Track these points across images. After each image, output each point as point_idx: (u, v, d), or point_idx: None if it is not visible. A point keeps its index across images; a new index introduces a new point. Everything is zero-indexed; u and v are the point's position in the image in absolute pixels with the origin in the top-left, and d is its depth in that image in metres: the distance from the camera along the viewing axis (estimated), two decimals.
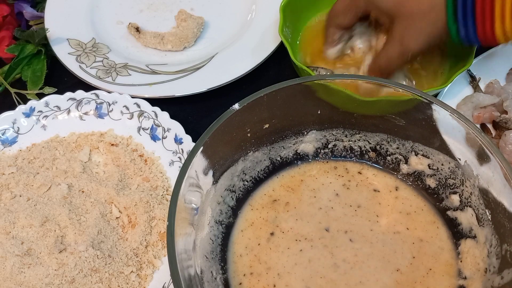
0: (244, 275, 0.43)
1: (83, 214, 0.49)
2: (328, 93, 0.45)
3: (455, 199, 0.46)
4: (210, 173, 0.43)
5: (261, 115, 0.45)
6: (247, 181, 0.48)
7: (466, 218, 0.45)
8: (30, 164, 0.53)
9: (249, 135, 0.45)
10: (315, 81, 0.44)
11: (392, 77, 0.53)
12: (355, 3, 0.52)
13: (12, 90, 0.60)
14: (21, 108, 0.56)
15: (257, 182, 0.48)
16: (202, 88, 0.59)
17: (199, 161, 0.40)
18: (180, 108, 0.58)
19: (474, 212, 0.44)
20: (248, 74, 0.60)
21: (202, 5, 0.69)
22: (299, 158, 0.50)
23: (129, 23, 0.66)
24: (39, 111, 0.57)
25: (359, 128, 0.49)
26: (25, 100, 0.59)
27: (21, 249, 0.46)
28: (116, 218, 0.50)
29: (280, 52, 0.61)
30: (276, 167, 0.49)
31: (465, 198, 0.45)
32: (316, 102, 0.46)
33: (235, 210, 0.46)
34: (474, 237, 0.44)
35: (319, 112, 0.47)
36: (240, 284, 0.42)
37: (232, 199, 0.47)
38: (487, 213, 0.42)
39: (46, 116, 0.57)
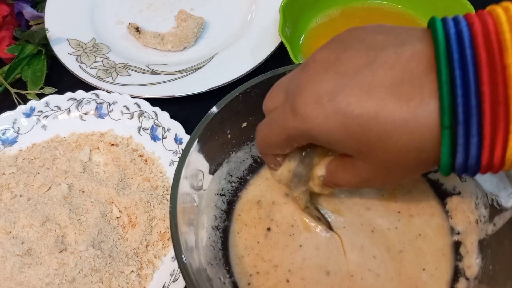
0: (250, 275, 0.43)
1: (84, 214, 0.49)
2: None
3: None
4: (200, 181, 0.43)
5: (238, 114, 0.45)
6: (234, 183, 0.48)
7: (447, 177, 0.45)
8: (30, 164, 0.53)
9: (229, 136, 0.45)
10: (286, 73, 0.44)
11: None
12: (295, 138, 0.35)
13: (12, 90, 0.60)
14: (21, 108, 0.56)
15: (245, 181, 0.48)
16: (202, 88, 0.59)
17: (188, 172, 0.40)
18: (180, 108, 0.58)
19: None
20: (248, 74, 0.60)
21: (202, 5, 0.69)
22: None
23: (129, 23, 0.66)
24: (39, 111, 0.57)
25: None
26: (25, 100, 0.59)
27: (21, 249, 0.46)
28: (116, 218, 0.50)
29: (280, 52, 0.61)
30: (259, 163, 0.49)
31: None
32: None
33: (228, 213, 0.47)
34: (459, 193, 0.44)
35: None
36: (249, 284, 0.42)
37: (224, 202, 0.47)
38: None
39: (46, 116, 0.57)
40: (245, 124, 0.46)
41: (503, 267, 0.39)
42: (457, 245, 0.43)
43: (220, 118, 0.43)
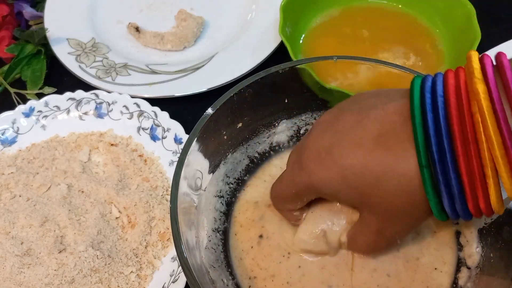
0: (249, 278, 0.43)
1: (83, 214, 0.49)
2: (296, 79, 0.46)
3: None
4: (198, 183, 0.43)
5: (234, 114, 0.45)
6: (232, 184, 0.48)
7: None
8: (29, 164, 0.53)
9: (225, 137, 0.45)
10: (279, 71, 0.45)
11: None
12: (304, 194, 0.39)
13: (12, 90, 0.60)
14: (21, 108, 0.56)
15: (242, 182, 0.48)
16: (202, 88, 0.59)
17: (187, 175, 0.40)
18: (180, 108, 0.58)
19: None
20: (248, 74, 0.59)
21: (202, 5, 0.69)
22: (276, 149, 0.50)
23: (129, 23, 0.66)
24: (38, 111, 0.57)
25: (325, 108, 0.49)
26: (24, 100, 0.59)
27: (20, 249, 0.46)
28: (116, 218, 0.49)
29: (280, 52, 0.61)
30: (256, 164, 0.49)
31: None
32: (282, 91, 0.47)
33: (227, 215, 0.46)
34: None
35: (286, 101, 0.48)
36: (250, 287, 0.42)
37: (222, 204, 0.46)
38: None
39: (45, 116, 0.56)
40: (240, 125, 0.46)
41: (504, 254, 0.39)
42: (457, 235, 0.44)
43: (215, 119, 0.43)
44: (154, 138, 0.55)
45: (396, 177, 0.33)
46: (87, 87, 0.59)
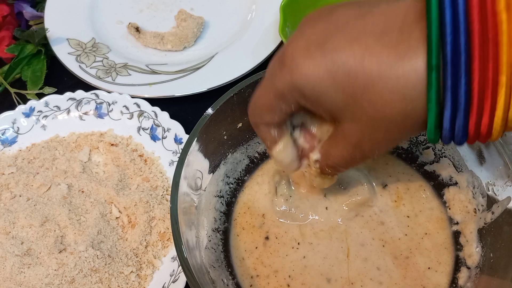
0: (251, 277, 0.43)
1: (83, 214, 0.49)
2: None
3: (429, 153, 0.47)
4: (198, 183, 0.43)
5: (234, 114, 0.45)
6: (232, 184, 0.48)
7: (443, 168, 0.46)
8: (30, 164, 0.53)
9: (225, 137, 0.46)
10: None
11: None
12: (282, 99, 0.34)
13: (12, 90, 0.60)
14: (21, 108, 0.56)
15: (242, 182, 0.48)
16: (202, 88, 0.59)
17: (188, 175, 0.40)
18: (180, 108, 0.58)
19: (450, 160, 0.45)
20: (248, 74, 0.59)
21: (202, 5, 0.69)
22: None
23: (129, 23, 0.66)
24: (39, 111, 0.57)
25: None
26: (25, 100, 0.59)
27: (21, 249, 0.46)
28: (116, 218, 0.49)
29: None
30: (256, 164, 0.49)
31: (438, 150, 0.46)
32: None
33: (228, 215, 0.46)
34: (456, 183, 0.45)
35: None
36: (251, 286, 0.42)
37: (222, 204, 0.47)
38: (463, 159, 0.44)
39: (46, 116, 0.57)
40: (240, 125, 0.46)
41: (503, 254, 0.39)
42: (456, 235, 0.44)
43: (215, 119, 0.43)
44: (154, 138, 0.55)
45: (394, 78, 0.29)
46: (87, 87, 0.59)
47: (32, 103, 0.57)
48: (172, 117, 0.55)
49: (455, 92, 0.28)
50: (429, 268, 0.42)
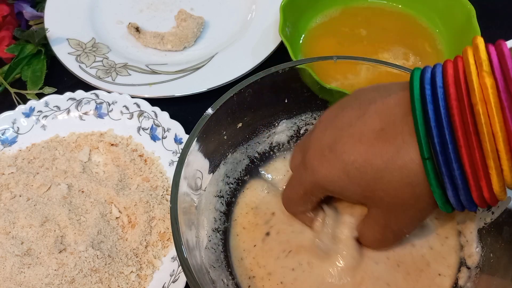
0: (249, 278, 0.43)
1: (83, 214, 0.49)
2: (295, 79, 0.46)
3: None
4: (198, 183, 0.43)
5: (233, 115, 0.45)
6: (232, 184, 0.48)
7: None
8: (30, 164, 0.53)
9: (225, 137, 0.45)
10: (279, 71, 0.45)
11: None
12: (311, 194, 0.39)
13: (12, 90, 0.60)
14: (21, 108, 0.56)
15: (242, 182, 0.48)
16: (202, 88, 0.59)
17: (187, 175, 0.40)
18: (180, 108, 0.58)
19: None
20: (248, 74, 0.59)
21: (202, 5, 0.69)
22: (276, 150, 0.50)
23: (129, 23, 0.66)
24: (39, 111, 0.57)
25: (325, 108, 0.48)
26: (25, 100, 0.59)
27: (21, 249, 0.46)
28: (116, 218, 0.49)
29: (280, 52, 0.61)
30: (256, 164, 0.49)
31: None
32: (282, 91, 0.47)
33: (228, 215, 0.46)
34: None
35: (286, 101, 0.48)
36: (249, 287, 0.42)
37: (222, 204, 0.46)
38: None
39: (46, 116, 0.57)
40: (240, 125, 0.46)
41: (503, 254, 0.39)
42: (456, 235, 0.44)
43: (215, 119, 0.43)
44: (154, 138, 0.55)
45: (397, 169, 0.32)
46: (87, 87, 0.59)
47: (32, 103, 0.57)
48: (172, 117, 0.55)
49: (451, 176, 0.31)
50: (439, 274, 0.42)
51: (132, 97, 0.57)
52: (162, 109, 0.56)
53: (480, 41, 0.31)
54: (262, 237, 0.44)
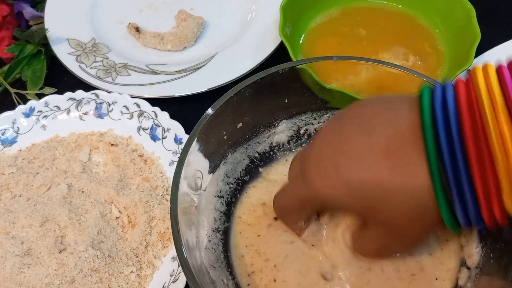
0: (248, 275, 0.43)
1: (83, 214, 0.49)
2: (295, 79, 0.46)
3: None
4: (198, 183, 0.43)
5: (234, 115, 0.45)
6: (232, 184, 0.48)
7: None
8: (30, 164, 0.53)
9: (225, 137, 0.46)
10: (279, 71, 0.45)
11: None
12: (308, 205, 0.40)
13: (12, 90, 0.60)
14: (21, 108, 0.56)
15: (243, 182, 0.48)
16: (202, 88, 0.59)
17: (188, 175, 0.40)
18: (180, 108, 0.58)
19: None
20: (248, 74, 0.59)
21: (202, 5, 0.69)
22: (276, 150, 0.50)
23: (129, 23, 0.66)
24: (39, 111, 0.57)
25: (325, 109, 0.49)
26: (25, 100, 0.59)
27: (21, 249, 0.46)
28: (116, 218, 0.49)
29: (280, 52, 0.61)
30: (256, 165, 0.49)
31: None
32: (282, 91, 0.47)
33: (228, 215, 0.46)
34: None
35: (286, 101, 0.48)
36: (249, 285, 0.42)
37: (222, 204, 0.47)
38: None
39: (46, 116, 0.57)
40: (240, 125, 0.46)
41: (503, 254, 0.39)
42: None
43: (215, 119, 0.43)
44: (154, 138, 0.55)
45: (409, 194, 0.32)
46: (87, 87, 0.59)
47: (32, 103, 0.57)
48: (172, 117, 0.55)
49: (464, 207, 0.31)
50: (436, 279, 0.42)
51: (132, 97, 0.57)
52: (162, 109, 0.56)
53: (491, 68, 0.30)
54: (269, 222, 0.45)
